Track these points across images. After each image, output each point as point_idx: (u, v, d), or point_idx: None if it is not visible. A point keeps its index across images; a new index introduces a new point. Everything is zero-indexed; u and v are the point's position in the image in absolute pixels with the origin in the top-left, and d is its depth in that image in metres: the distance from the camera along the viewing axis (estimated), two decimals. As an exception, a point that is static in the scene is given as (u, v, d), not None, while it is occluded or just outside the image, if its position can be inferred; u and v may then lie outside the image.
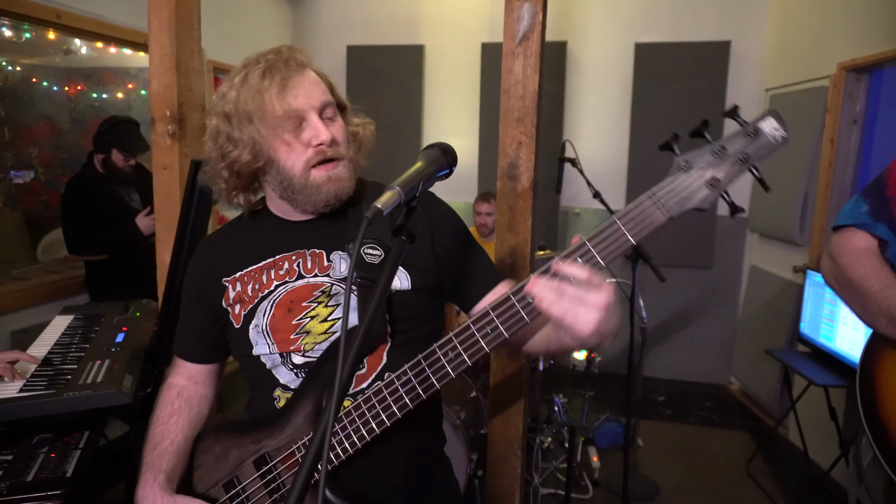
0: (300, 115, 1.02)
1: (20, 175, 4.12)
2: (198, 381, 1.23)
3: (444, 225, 1.15)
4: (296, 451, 1.01)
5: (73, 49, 4.53)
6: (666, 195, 0.85)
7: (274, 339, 1.08)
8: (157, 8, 1.92)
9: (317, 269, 1.09)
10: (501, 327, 0.88)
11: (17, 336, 2.93)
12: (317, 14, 4.99)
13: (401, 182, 0.78)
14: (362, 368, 1.05)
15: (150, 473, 1.06)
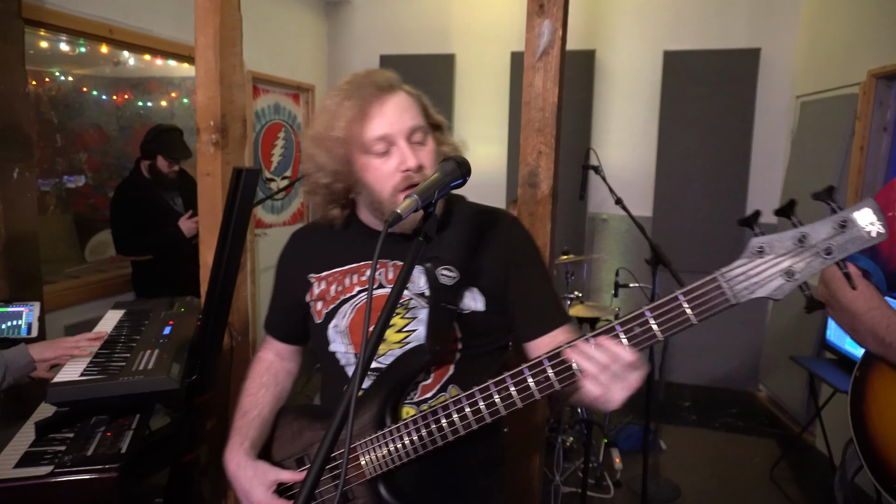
0: (389, 140, 1.05)
1: (72, 180, 4.35)
2: (284, 357, 1.33)
3: (521, 253, 1.18)
4: (358, 448, 1.08)
5: (121, 60, 4.77)
6: (737, 279, 0.80)
7: (351, 341, 1.15)
8: (203, 27, 2.06)
9: None
10: (534, 388, 0.92)
11: (69, 330, 3.13)
12: (351, 24, 5.16)
13: (419, 191, 0.88)
14: (428, 379, 1.11)
15: (238, 438, 1.18)
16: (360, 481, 1.07)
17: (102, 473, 1.45)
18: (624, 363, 0.84)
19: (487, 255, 1.14)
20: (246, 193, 1.80)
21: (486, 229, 1.17)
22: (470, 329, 1.12)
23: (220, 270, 1.86)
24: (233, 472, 1.14)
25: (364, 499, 1.06)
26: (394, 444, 1.03)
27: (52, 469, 1.45)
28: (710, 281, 0.82)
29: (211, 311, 1.89)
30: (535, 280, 1.18)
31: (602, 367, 0.85)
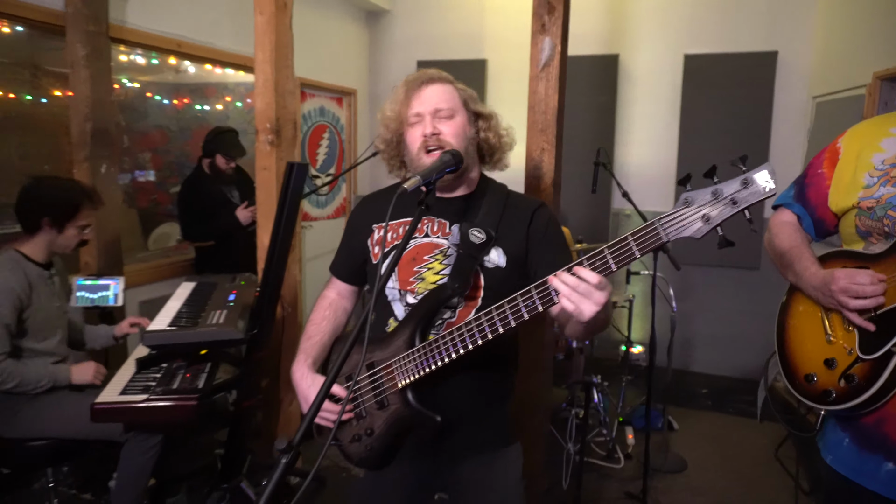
0: (419, 115, 1.40)
1: (143, 174, 4.83)
2: (343, 296, 1.64)
3: (542, 227, 1.45)
4: (392, 364, 1.34)
5: (182, 68, 5.25)
6: (669, 223, 1.06)
7: (398, 278, 1.43)
8: (261, 44, 2.46)
9: (440, 233, 1.43)
10: (523, 309, 1.19)
11: (143, 305, 3.60)
12: (390, 32, 5.54)
13: (421, 173, 1.22)
14: (453, 317, 1.38)
15: (303, 356, 1.51)
16: (394, 390, 1.35)
17: (184, 402, 1.85)
18: (590, 284, 1.09)
19: (513, 224, 1.44)
20: (297, 183, 2.18)
21: (515, 205, 1.47)
22: (492, 280, 1.39)
23: (275, 248, 2.25)
24: (297, 380, 1.48)
25: (397, 405, 1.36)
26: (418, 361, 1.31)
27: (146, 396, 1.86)
28: (649, 225, 1.08)
29: (267, 283, 2.28)
30: (555, 250, 1.44)
31: (572, 288, 1.11)
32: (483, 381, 1.42)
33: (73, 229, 2.29)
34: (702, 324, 4.83)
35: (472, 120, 1.45)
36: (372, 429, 1.39)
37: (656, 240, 1.07)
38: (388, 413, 1.37)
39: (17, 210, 2.29)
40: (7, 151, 3.51)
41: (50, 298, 2.31)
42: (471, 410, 1.42)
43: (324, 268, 5.43)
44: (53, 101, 3.77)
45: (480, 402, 1.44)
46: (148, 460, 2.21)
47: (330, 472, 3.09)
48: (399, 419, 1.35)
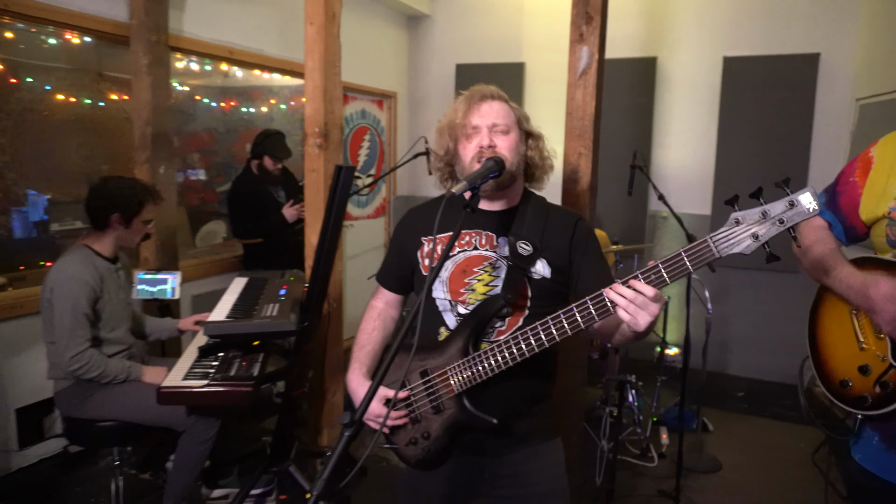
0: (476, 128, 1.46)
1: (195, 173, 5.04)
2: (391, 305, 1.72)
3: (582, 239, 1.52)
4: (448, 371, 1.42)
5: (229, 72, 5.45)
6: (720, 240, 1.15)
7: (448, 289, 1.50)
8: (311, 53, 2.60)
9: (488, 246, 1.50)
10: (580, 320, 1.27)
11: (195, 299, 3.80)
12: (430, 36, 5.67)
13: (467, 178, 1.31)
14: (502, 325, 1.46)
15: (357, 365, 1.60)
16: (449, 396, 1.44)
17: (240, 388, 2.00)
18: (647, 296, 1.18)
19: (556, 237, 1.51)
20: (344, 185, 2.30)
21: (557, 218, 1.55)
22: (538, 290, 1.47)
23: (323, 246, 2.38)
24: (354, 388, 1.59)
25: (452, 409, 1.44)
26: (474, 368, 1.39)
27: (206, 382, 2.01)
28: (702, 242, 1.17)
29: (316, 279, 2.41)
30: (595, 262, 1.53)
31: (629, 300, 1.19)
32: (528, 379, 1.50)
33: (138, 224, 2.47)
34: (738, 326, 4.82)
35: (523, 138, 1.53)
36: (428, 432, 1.48)
37: (709, 256, 1.16)
38: (444, 417, 1.46)
39: (88, 208, 2.46)
40: (69, 152, 3.73)
41: (117, 291, 2.50)
42: (517, 407, 1.50)
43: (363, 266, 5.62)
44: (111, 104, 4.00)
45: (526, 398, 1.53)
46: (203, 451, 2.38)
47: (371, 462, 3.23)
48: (455, 422, 1.45)
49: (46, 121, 3.56)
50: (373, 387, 1.05)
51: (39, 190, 3.59)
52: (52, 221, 3.68)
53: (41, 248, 3.65)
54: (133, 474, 2.98)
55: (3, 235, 3.47)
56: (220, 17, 3.77)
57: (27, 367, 2.97)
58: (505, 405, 1.47)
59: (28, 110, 3.44)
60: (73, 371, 2.24)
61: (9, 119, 3.36)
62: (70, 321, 2.24)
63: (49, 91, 3.61)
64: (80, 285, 2.27)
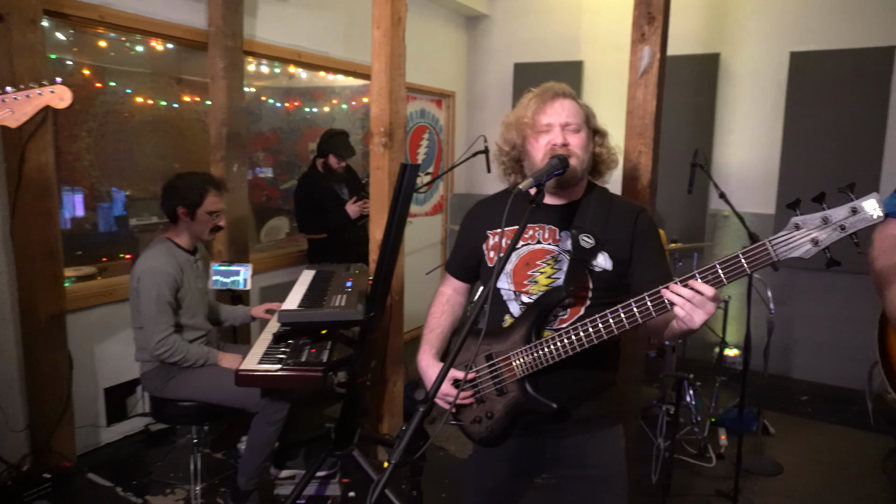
0: (548, 126, 1.50)
1: (262, 171, 5.27)
2: (458, 292, 1.81)
3: (643, 232, 1.55)
4: (511, 357, 1.48)
5: (294, 74, 5.66)
6: (779, 244, 1.16)
7: (512, 281, 1.57)
8: (377, 56, 2.71)
9: (550, 240, 1.55)
10: (637, 315, 1.32)
11: (263, 290, 4.00)
12: (489, 36, 5.73)
13: (534, 175, 1.38)
14: (564, 314, 1.52)
15: (427, 346, 1.70)
16: (512, 380, 1.50)
17: (311, 373, 2.12)
18: (705, 296, 1.22)
19: (618, 229, 1.54)
20: (409, 183, 2.39)
21: (620, 212, 1.57)
22: (599, 282, 1.51)
23: (388, 241, 2.48)
24: (424, 368, 1.68)
25: (515, 392, 1.50)
26: (535, 354, 1.45)
27: (280, 367, 2.14)
28: (760, 245, 1.18)
29: (380, 272, 2.51)
30: (654, 255, 1.55)
31: (687, 298, 1.23)
32: (590, 367, 1.55)
33: (203, 215, 2.60)
34: (802, 328, 4.68)
35: (590, 136, 1.57)
36: (492, 412, 1.55)
37: (766, 259, 1.17)
38: (507, 399, 1.53)
39: (161, 204, 2.65)
40: (146, 151, 3.98)
41: (195, 281, 2.68)
42: (579, 393, 1.55)
43: (422, 261, 5.74)
44: (185, 105, 4.24)
45: (589, 385, 1.58)
46: (274, 432, 2.53)
47: (428, 449, 3.32)
48: (517, 405, 1.52)
49: (126, 122, 3.79)
50: (444, 369, 1.13)
51: (119, 187, 3.83)
52: (131, 217, 3.94)
53: (121, 242, 3.92)
54: (207, 453, 3.18)
55: (89, 230, 3.75)
56: (290, 22, 3.95)
57: (115, 350, 3.21)
58: (566, 390, 1.52)
59: (111, 112, 3.68)
60: (158, 355, 2.43)
61: (94, 121, 3.61)
62: (155, 309, 2.43)
63: (130, 94, 3.87)
64: (163, 276, 2.46)
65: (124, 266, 3.76)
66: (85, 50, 3.56)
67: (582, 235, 1.51)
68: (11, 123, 1.49)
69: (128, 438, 3.32)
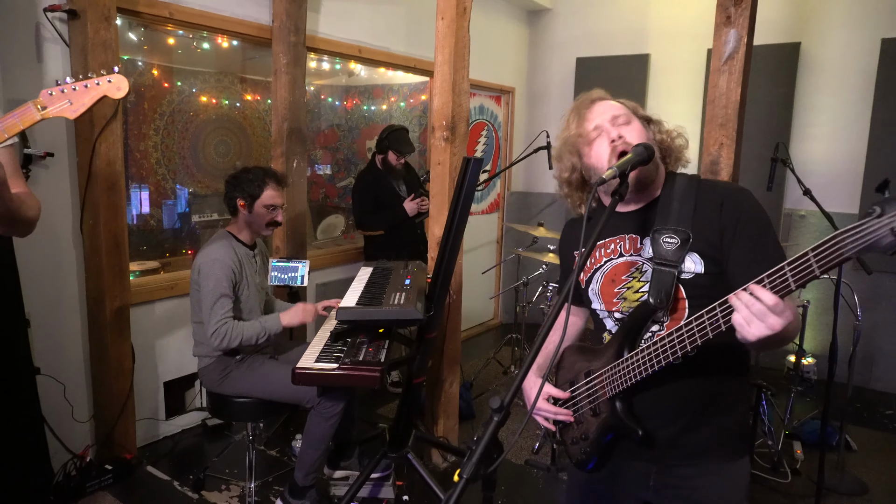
0: (599, 128, 1.39)
1: (321, 169, 5.30)
2: (575, 314, 1.71)
3: (740, 218, 1.32)
4: (604, 373, 1.38)
5: (354, 72, 5.66)
6: (853, 236, 0.93)
7: (602, 300, 1.47)
8: (441, 47, 2.63)
9: (632, 250, 1.42)
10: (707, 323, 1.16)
11: (320, 287, 3.99)
12: (551, 30, 5.58)
13: (618, 165, 1.24)
14: (660, 329, 1.36)
15: (534, 367, 1.60)
16: (604, 399, 1.39)
17: (370, 372, 2.05)
18: (766, 305, 1.04)
19: (707, 221, 1.33)
20: (472, 178, 2.30)
21: (709, 198, 1.37)
22: (693, 289, 1.32)
23: (449, 237, 2.39)
24: (526, 389, 1.58)
25: (606, 413, 1.39)
26: (623, 371, 1.33)
27: (337, 365, 2.08)
28: (830, 239, 0.96)
29: (440, 270, 2.42)
30: (748, 244, 1.31)
31: (745, 305, 1.06)
32: (700, 388, 1.38)
33: (260, 208, 2.58)
34: (888, 337, 4.34)
35: (645, 125, 1.43)
36: (587, 434, 1.45)
37: (838, 255, 0.96)
38: (600, 420, 1.42)
39: (224, 197, 2.65)
40: (209, 149, 4.05)
41: (254, 275, 2.66)
42: (685, 418, 1.38)
43: (478, 260, 5.62)
44: (246, 104, 4.30)
45: (696, 409, 1.38)
46: (330, 426, 2.48)
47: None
48: (607, 427, 1.40)
49: (192, 121, 3.89)
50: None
51: (183, 184, 3.93)
52: (193, 213, 4.04)
53: (184, 237, 4.03)
54: (262, 450, 3.18)
55: (154, 225, 3.83)
56: (351, 17, 3.92)
57: (175, 344, 3.25)
58: (670, 411, 1.38)
59: (177, 111, 3.78)
60: (217, 346, 2.41)
61: (161, 119, 3.70)
62: (212, 299, 2.42)
63: (196, 93, 3.95)
64: (222, 267, 2.45)
65: (186, 261, 3.85)
66: (154, 49, 3.65)
67: (664, 236, 1.34)
68: (69, 115, 1.47)
69: (186, 432, 3.36)
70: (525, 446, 3.43)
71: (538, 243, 4.42)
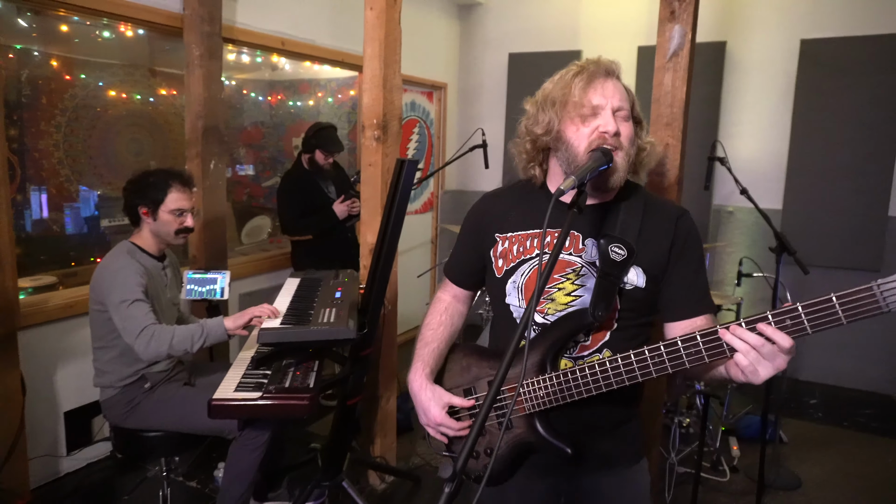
0: (596, 108, 1.22)
1: (243, 168, 4.98)
2: (459, 300, 1.55)
3: (684, 243, 1.30)
4: (518, 387, 1.26)
5: (278, 66, 5.36)
6: (891, 290, 0.87)
7: (524, 297, 1.32)
8: (371, 39, 2.43)
9: (572, 249, 1.29)
10: (685, 359, 1.07)
11: (243, 298, 3.70)
12: (483, 25, 5.46)
13: (576, 174, 1.11)
14: (586, 340, 1.27)
15: (420, 364, 1.42)
16: (519, 414, 1.28)
17: (298, 400, 1.84)
18: (780, 347, 0.98)
19: (654, 240, 1.28)
20: (407, 180, 2.13)
21: (657, 217, 1.31)
22: (629, 302, 1.27)
23: (382, 246, 2.21)
24: (415, 390, 1.41)
25: (522, 429, 1.29)
26: (552, 388, 1.22)
27: (260, 394, 1.86)
28: (865, 289, 0.90)
29: (374, 281, 2.24)
30: (691, 268, 1.30)
31: (753, 347, 0.99)
32: (614, 395, 1.28)
33: (166, 214, 2.29)
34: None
35: (636, 127, 1.30)
36: (491, 448, 1.32)
37: (872, 308, 0.90)
38: (512, 435, 1.29)
39: (123, 206, 2.36)
40: (120, 148, 3.72)
41: (163, 290, 2.38)
42: (601, 426, 1.33)
43: (413, 262, 5.42)
44: (161, 99, 3.97)
45: (613, 417, 1.34)
46: (255, 458, 2.24)
47: (424, 471, 3.07)
48: (523, 443, 1.28)
49: (99, 117, 3.57)
50: (475, 427, 0.86)
51: (90, 186, 3.60)
52: (103, 217, 3.69)
53: (92, 245, 3.68)
54: (180, 482, 2.89)
55: (56, 231, 3.47)
56: (272, 7, 3.64)
57: (77, 369, 2.90)
58: (583, 427, 1.30)
59: (82, 106, 3.46)
60: (145, 351, 2.07)
61: (63, 116, 3.36)
62: (125, 306, 2.10)
63: (102, 87, 3.61)
64: (129, 273, 2.16)
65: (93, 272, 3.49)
66: (52, 38, 3.29)
67: (612, 246, 1.24)
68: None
69: (92, 466, 3.00)
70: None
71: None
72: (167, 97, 4.04)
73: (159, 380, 2.30)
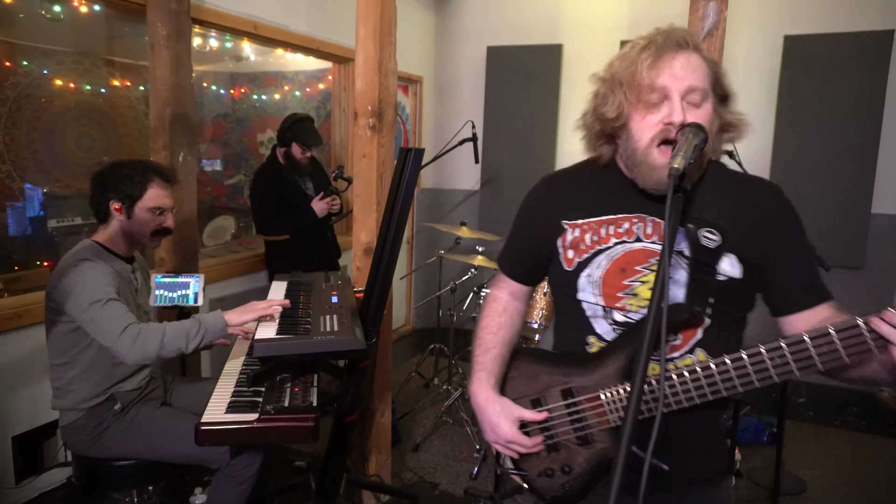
0: (664, 92, 1.06)
1: (209, 164, 4.67)
2: (517, 297, 1.38)
3: (783, 223, 1.15)
4: (600, 396, 1.12)
5: (242, 56, 5.06)
6: None
7: (602, 293, 1.16)
8: (364, 19, 2.20)
9: (655, 237, 1.14)
10: (817, 359, 0.94)
11: (214, 304, 3.40)
12: (459, 17, 5.27)
13: (683, 152, 0.94)
14: (677, 340, 1.12)
15: (483, 374, 1.25)
16: (601, 427, 1.13)
17: (303, 422, 1.60)
18: None
19: (748, 222, 1.13)
20: (412, 172, 1.92)
21: (747, 194, 1.16)
22: (723, 295, 1.11)
23: (385, 245, 1.99)
24: (481, 404, 1.22)
25: (605, 444, 1.12)
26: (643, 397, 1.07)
27: (257, 416, 1.61)
28: None
29: (376, 284, 2.02)
30: (797, 251, 1.15)
31: None
32: (700, 410, 1.13)
33: (143, 213, 2.00)
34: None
35: (716, 105, 1.12)
36: (570, 466, 1.16)
37: None
38: (593, 451, 1.13)
39: (90, 200, 2.05)
40: (68, 142, 3.43)
41: (133, 295, 2.10)
42: (689, 440, 1.16)
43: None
44: (114, 91, 3.67)
45: (700, 429, 1.17)
46: (243, 492, 1.98)
47: (420, 488, 2.86)
48: (606, 460, 1.12)
49: (44, 108, 3.30)
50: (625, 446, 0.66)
51: (36, 183, 3.32)
52: (50, 217, 3.39)
53: (38, 247, 3.38)
54: (153, 510, 2.59)
55: (-2, 233, 3.16)
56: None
57: (26, 387, 2.57)
58: (673, 434, 1.11)
59: (24, 97, 3.17)
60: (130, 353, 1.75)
61: (3, 106, 3.05)
62: (100, 307, 1.79)
63: (48, 76, 3.31)
64: (96, 274, 1.84)
65: (41, 276, 3.18)
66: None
67: (703, 231, 1.08)
68: None
69: (45, 497, 2.66)
70: (461, 471, 3.09)
71: (462, 244, 4.09)
72: (121, 88, 3.73)
73: (131, 399, 2.00)
